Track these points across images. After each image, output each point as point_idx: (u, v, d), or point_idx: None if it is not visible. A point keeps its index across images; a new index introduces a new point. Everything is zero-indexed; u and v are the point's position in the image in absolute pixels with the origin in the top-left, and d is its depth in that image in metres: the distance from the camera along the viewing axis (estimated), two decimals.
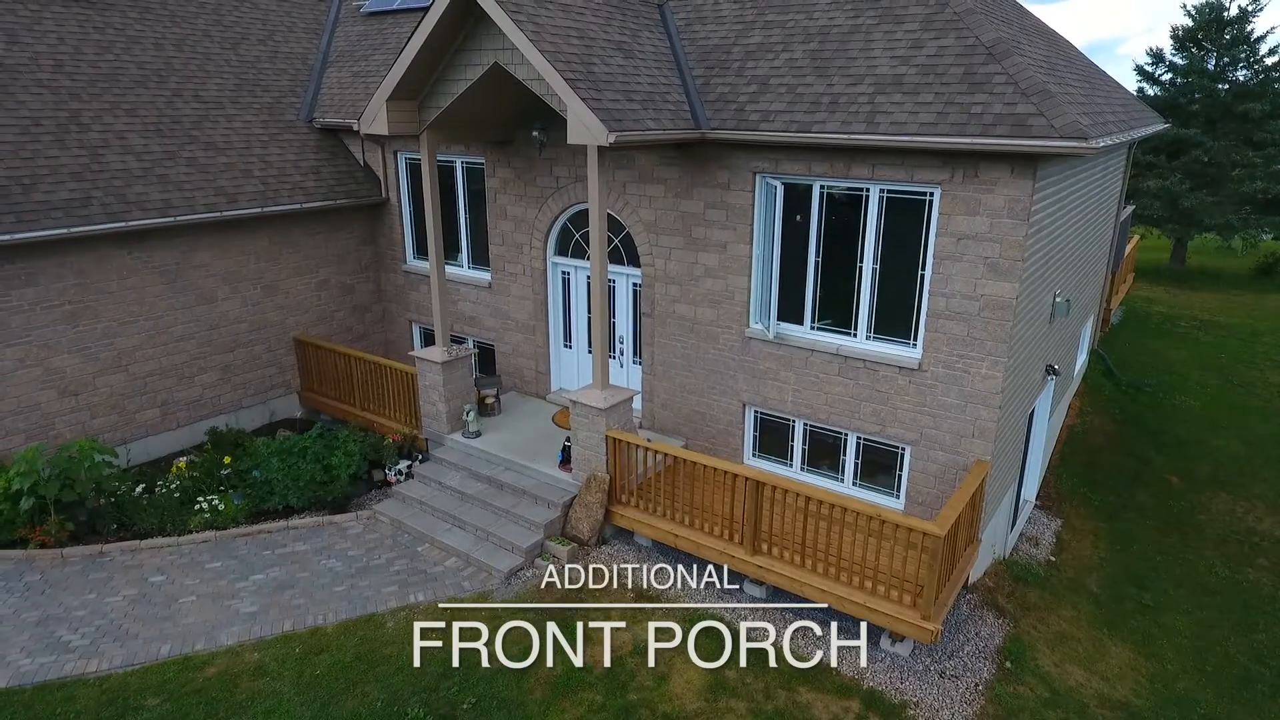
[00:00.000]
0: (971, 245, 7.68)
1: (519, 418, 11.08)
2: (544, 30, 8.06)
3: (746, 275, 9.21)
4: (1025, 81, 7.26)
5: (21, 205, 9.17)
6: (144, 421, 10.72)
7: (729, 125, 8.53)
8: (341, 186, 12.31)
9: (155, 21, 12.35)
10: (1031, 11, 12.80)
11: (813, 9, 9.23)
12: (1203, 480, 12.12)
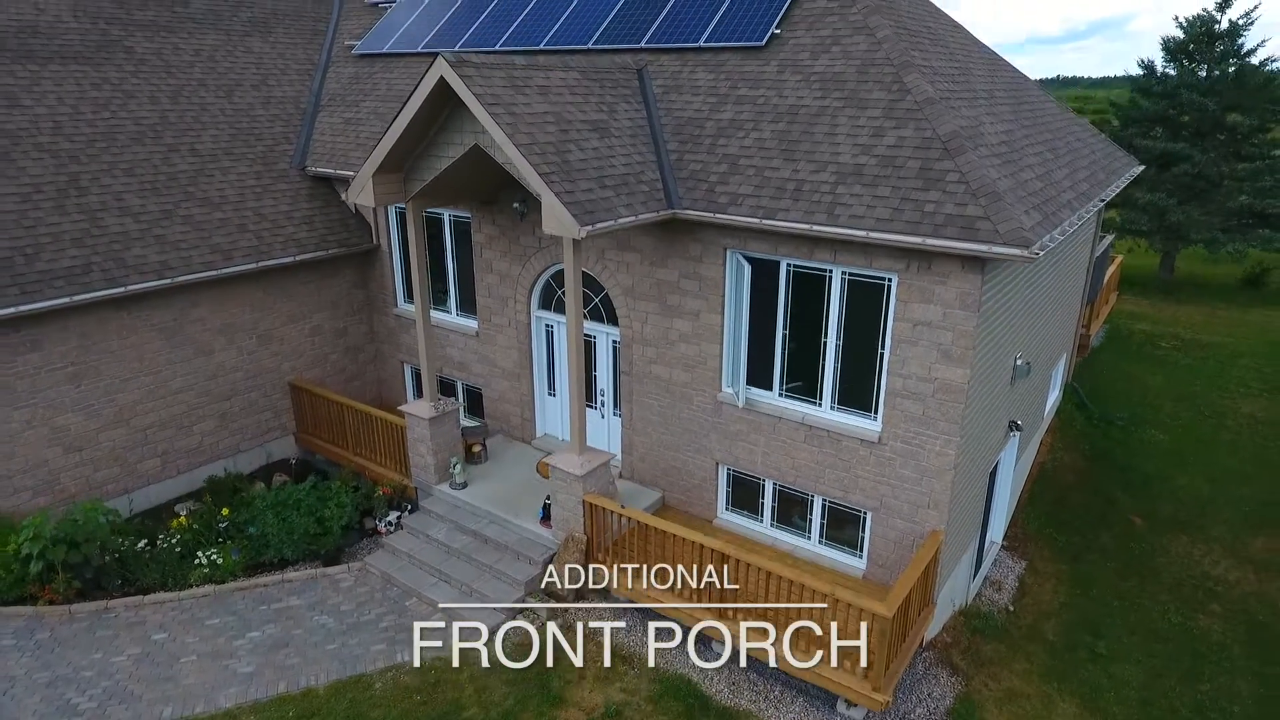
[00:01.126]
0: (926, 331, 8.08)
1: (504, 465, 11.55)
2: (520, 120, 8.41)
3: (718, 343, 9.62)
4: (976, 181, 7.62)
5: (25, 276, 9.59)
6: (145, 472, 11.21)
7: (700, 206, 8.90)
8: (333, 235, 12.70)
9: (151, 74, 12.68)
10: (1005, 60, 13.06)
11: (783, 86, 9.55)
12: (1164, 521, 12.58)
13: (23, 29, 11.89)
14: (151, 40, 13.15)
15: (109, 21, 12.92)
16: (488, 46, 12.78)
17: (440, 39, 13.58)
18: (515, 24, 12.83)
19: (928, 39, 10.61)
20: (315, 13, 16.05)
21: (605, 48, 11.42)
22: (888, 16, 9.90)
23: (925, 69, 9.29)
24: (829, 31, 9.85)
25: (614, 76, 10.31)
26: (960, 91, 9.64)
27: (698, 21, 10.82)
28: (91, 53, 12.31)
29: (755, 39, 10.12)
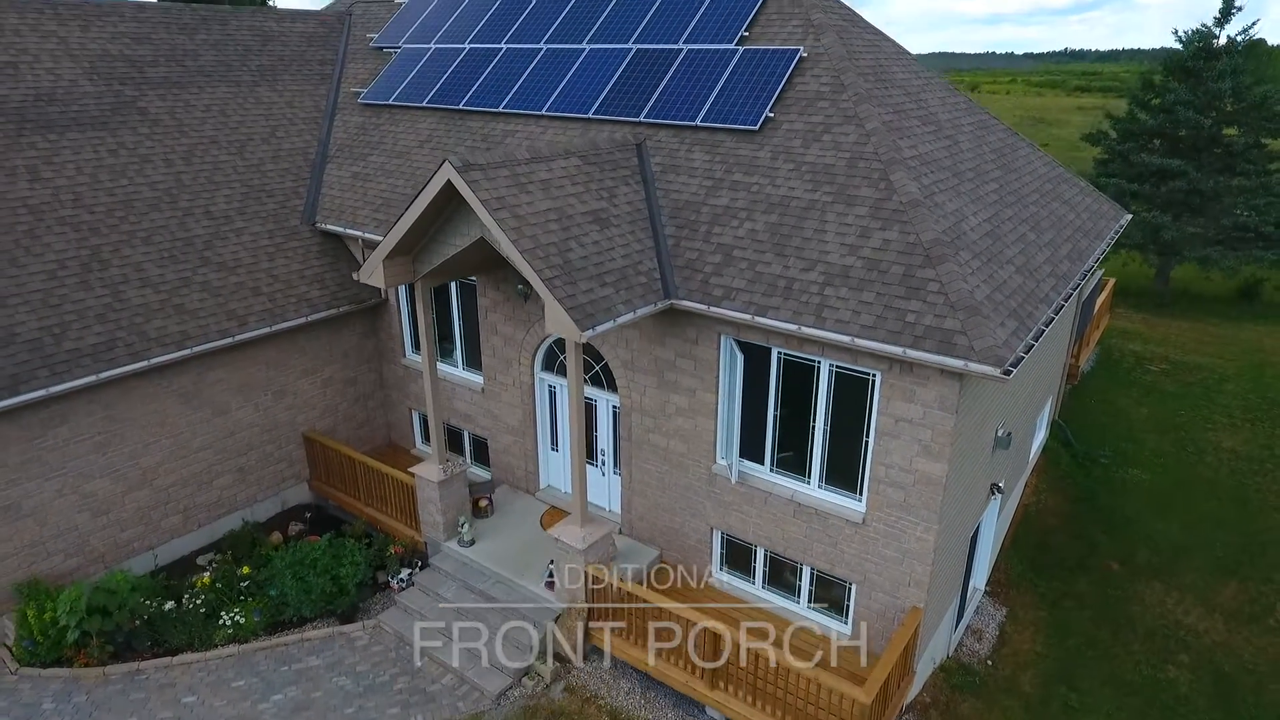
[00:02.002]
0: (907, 427, 8.57)
1: (510, 519, 12.12)
2: (524, 223, 8.84)
3: (713, 419, 10.12)
4: (955, 293, 8.06)
5: (54, 356, 10.09)
6: (168, 528, 11.79)
7: (695, 298, 9.35)
8: (344, 292, 13.15)
9: (164, 135, 13.07)
10: (995, 120, 13.38)
11: (775, 174, 9.96)
12: (1140, 567, 13.14)
13: (40, 97, 12.27)
14: (164, 99, 13.51)
15: (122, 82, 13.27)
16: (492, 107, 13.13)
17: (445, 95, 13.92)
18: (518, 85, 13.17)
19: (918, 118, 10.97)
20: (321, 57, 16.34)
21: (605, 118, 11.79)
22: (877, 105, 10.26)
23: (913, 161, 9.68)
24: (820, 118, 10.22)
25: (614, 158, 10.70)
26: (946, 178, 10.02)
27: (693, 100, 11.17)
28: (107, 116, 12.69)
29: (750, 123, 10.49)
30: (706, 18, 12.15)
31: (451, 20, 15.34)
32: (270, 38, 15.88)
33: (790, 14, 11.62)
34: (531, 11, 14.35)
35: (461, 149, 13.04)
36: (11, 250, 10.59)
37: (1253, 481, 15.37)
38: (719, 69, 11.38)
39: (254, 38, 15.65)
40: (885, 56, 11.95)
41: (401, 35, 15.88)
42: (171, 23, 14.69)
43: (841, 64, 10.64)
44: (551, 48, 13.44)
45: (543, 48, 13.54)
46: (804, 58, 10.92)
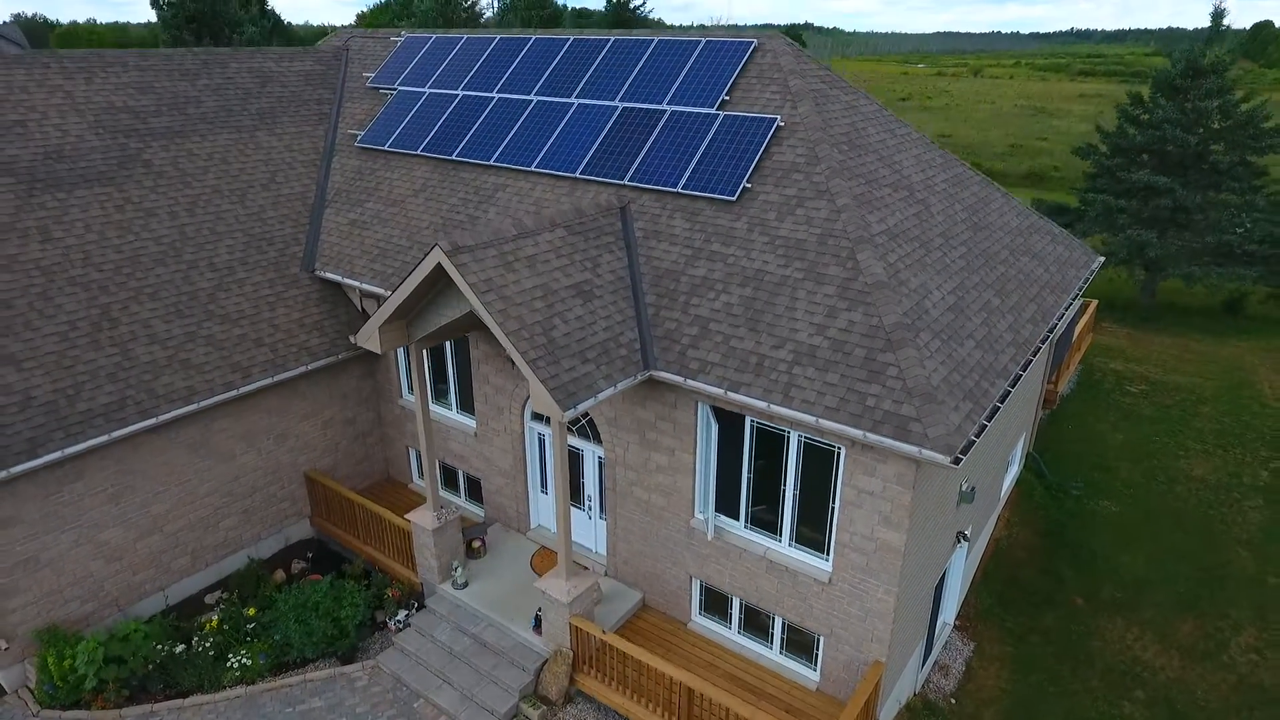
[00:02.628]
0: (869, 499, 9.15)
1: (502, 559, 12.75)
2: (510, 304, 9.37)
3: (691, 477, 10.70)
4: (913, 379, 8.60)
5: (68, 418, 10.67)
6: (178, 569, 12.44)
7: (673, 369, 9.89)
8: (343, 339, 13.70)
9: (169, 187, 13.56)
10: (973, 173, 13.82)
11: (750, 247, 10.46)
12: (1104, 602, 13.76)
13: (49, 154, 12.76)
14: (167, 149, 13.99)
15: (127, 134, 13.74)
16: (483, 159, 13.60)
17: (439, 143, 14.38)
18: (509, 137, 13.63)
19: (889, 185, 11.44)
20: (319, 96, 16.77)
21: (592, 179, 12.27)
22: (849, 178, 10.74)
23: (881, 237, 10.18)
24: (794, 190, 10.70)
25: (599, 224, 11.20)
26: (914, 250, 10.52)
27: (676, 165, 11.64)
28: (114, 171, 13.18)
29: (728, 193, 10.97)
30: (690, 78, 12.58)
31: (445, 64, 15.76)
32: (269, 79, 16.31)
33: (770, 79, 12.05)
34: (523, 60, 14.77)
35: (454, 199, 13.53)
36: (26, 313, 11.14)
37: (1218, 513, 15.96)
38: (701, 133, 11.84)
39: (254, 79, 16.08)
40: (861, 118, 12.39)
41: (397, 77, 16.29)
42: (174, 69, 15.13)
43: (816, 134, 11.11)
44: (542, 99, 13.88)
45: (533, 99, 13.98)
46: (780, 127, 11.38)
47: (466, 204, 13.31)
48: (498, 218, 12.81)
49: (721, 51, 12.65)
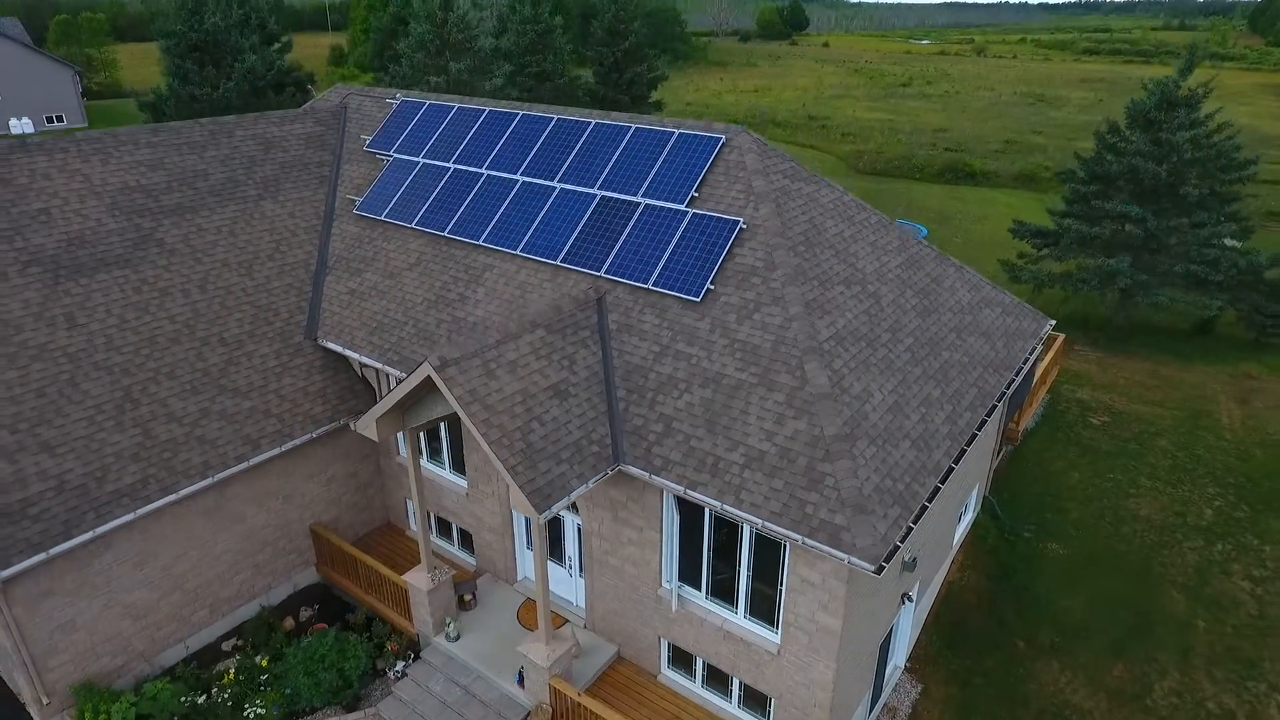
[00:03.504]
0: (810, 588, 10.34)
1: (491, 611, 14.02)
2: (492, 412, 10.49)
3: (658, 553, 11.89)
4: (847, 490, 9.74)
5: (98, 499, 11.87)
6: (197, 621, 13.72)
7: (640, 465, 11.02)
8: (344, 404, 14.83)
9: (181, 265, 14.61)
10: (931, 250, 14.77)
11: (712, 348, 11.54)
12: (1042, 646, 15.01)
13: (71, 241, 13.81)
14: (179, 226, 15.02)
15: (141, 214, 14.76)
16: (472, 239, 14.62)
17: (432, 217, 15.39)
18: (496, 218, 14.63)
19: (842, 281, 12.47)
20: (319, 159, 17.73)
21: (571, 268, 13.30)
22: (803, 283, 11.78)
23: (829, 343, 11.24)
24: (753, 294, 11.75)
25: (576, 319, 12.26)
26: (860, 350, 11.57)
27: (647, 261, 12.67)
28: (130, 253, 14.24)
29: (693, 294, 12.02)
30: (664, 171, 13.55)
31: (438, 134, 16.69)
32: (272, 144, 17.27)
33: (735, 178, 13.03)
34: (511, 136, 15.71)
35: (446, 276, 14.57)
36: (57, 400, 12.29)
37: (1158, 555, 17.15)
38: (672, 229, 12.86)
39: (257, 146, 17.04)
40: (820, 211, 13.37)
41: (393, 143, 17.24)
42: (182, 143, 16.09)
43: (775, 239, 12.13)
44: (527, 181, 14.85)
45: (519, 180, 14.95)
46: (743, 229, 12.39)
47: (458, 282, 14.36)
48: (486, 298, 13.87)
49: (693, 146, 13.60)
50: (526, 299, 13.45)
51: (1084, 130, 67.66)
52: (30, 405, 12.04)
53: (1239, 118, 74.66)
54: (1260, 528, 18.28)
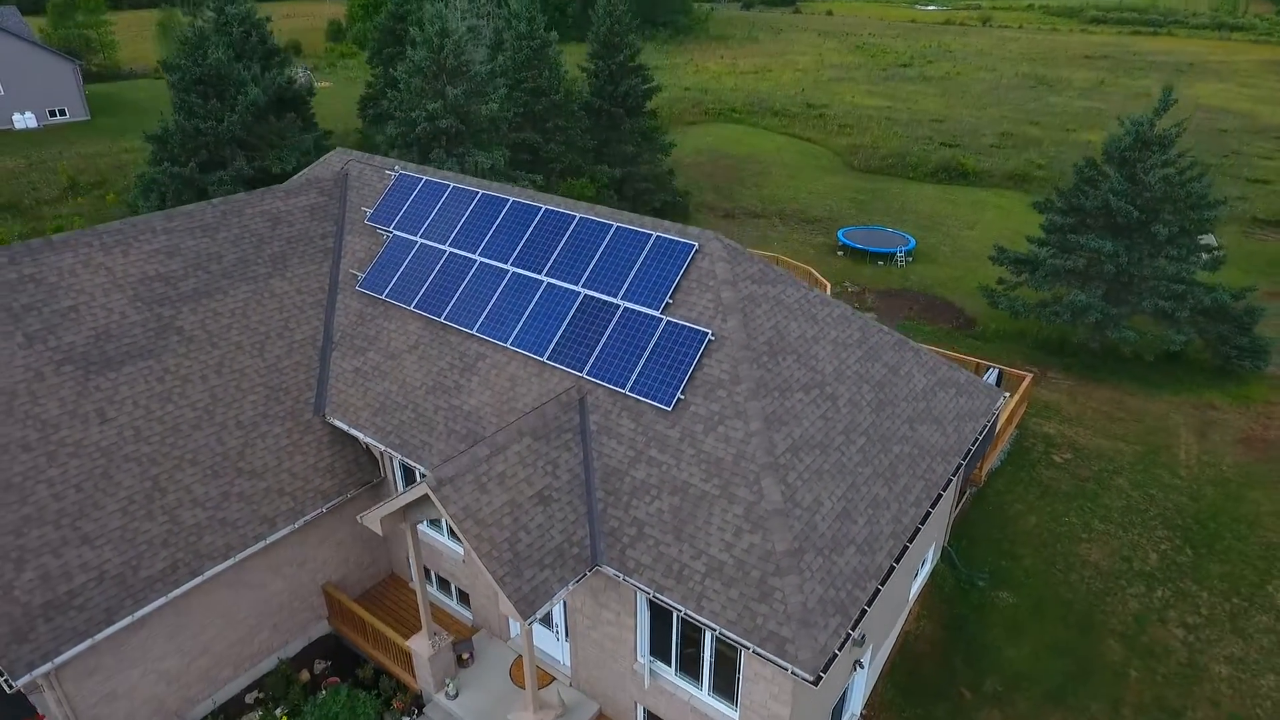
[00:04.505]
0: (762, 680, 11.79)
1: (487, 669, 15.56)
2: (484, 526, 11.84)
3: (633, 634, 13.35)
4: (793, 605, 11.12)
5: (134, 586, 13.31)
6: (222, 678, 15.29)
7: (615, 565, 12.40)
8: (351, 477, 16.21)
9: (199, 351, 15.86)
10: (889, 337, 15.95)
11: (681, 457, 12.84)
12: (986, 695, 16.55)
13: (99, 335, 15.05)
14: (195, 312, 16.23)
15: (160, 303, 15.97)
16: (466, 328, 15.84)
17: (429, 301, 16.58)
18: (488, 308, 15.82)
19: (802, 386, 13.70)
20: (323, 230, 18.85)
21: (556, 366, 14.54)
22: (764, 396, 13.02)
23: (785, 456, 12.52)
24: (719, 406, 13.01)
25: (560, 422, 13.54)
26: (814, 458, 12.85)
27: (624, 367, 13.91)
28: (152, 343, 15.48)
29: (665, 403, 13.28)
30: (641, 274, 14.70)
31: (434, 214, 17.79)
32: (279, 219, 18.38)
33: (706, 287, 14.19)
34: (502, 223, 16.82)
35: (443, 362, 15.82)
36: (93, 494, 13.67)
37: (1102, 603, 18.62)
38: (648, 335, 14.06)
39: (265, 222, 18.16)
40: (785, 314, 14.53)
41: (391, 219, 18.34)
42: (195, 226, 17.22)
43: (740, 352, 13.34)
44: (516, 272, 16.01)
45: (509, 270, 16.11)
46: (712, 340, 13.59)
47: (453, 369, 15.62)
48: (480, 387, 15.14)
49: (668, 251, 14.73)
50: (516, 392, 14.72)
51: (1080, 120, 67.85)
52: (71, 500, 13.43)
53: (1240, 103, 74.92)
54: (1200, 573, 19.72)
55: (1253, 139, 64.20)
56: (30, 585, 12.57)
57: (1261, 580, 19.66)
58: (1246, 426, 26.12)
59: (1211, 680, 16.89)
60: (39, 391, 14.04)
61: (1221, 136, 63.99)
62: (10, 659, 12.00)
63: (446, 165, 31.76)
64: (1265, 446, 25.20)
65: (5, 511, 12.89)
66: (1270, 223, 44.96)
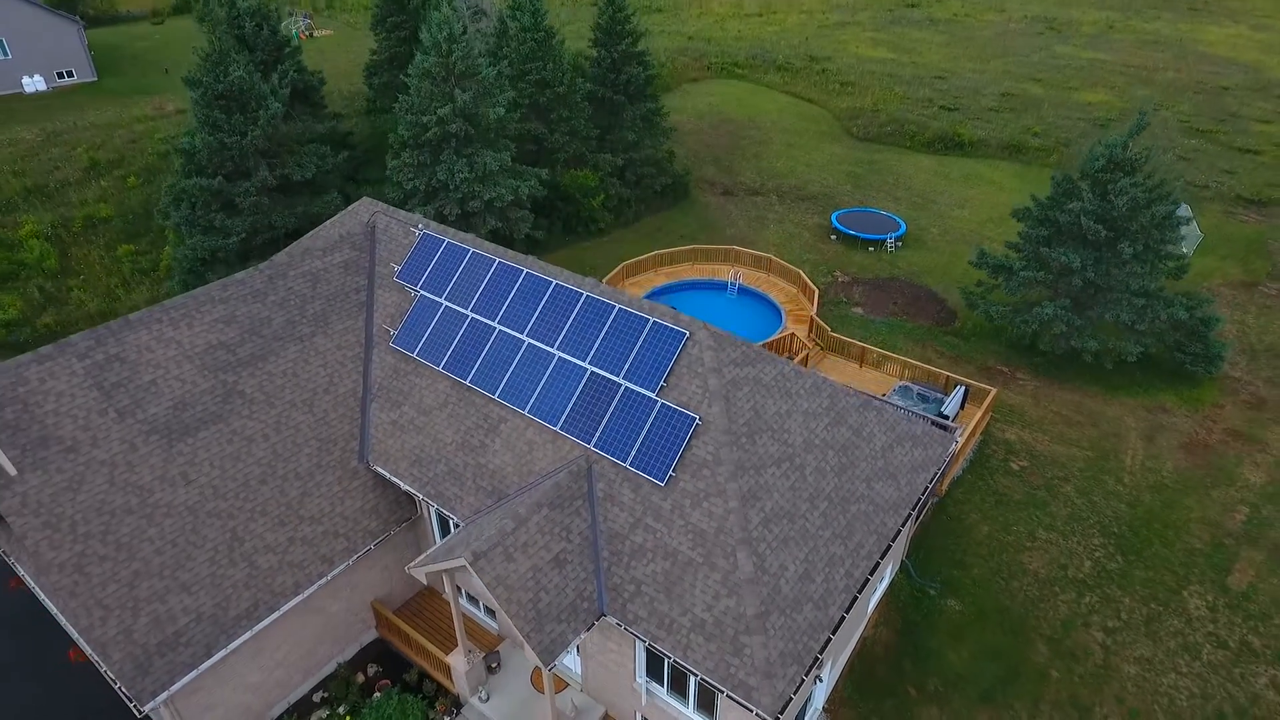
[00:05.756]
0: (735, 708, 14.82)
1: (511, 676, 18.75)
2: (512, 591, 14.66)
3: (633, 662, 16.39)
4: (759, 660, 14.03)
5: (225, 624, 16.29)
6: (294, 683, 18.52)
7: (617, 615, 15.28)
8: (392, 515, 19.03)
9: (259, 411, 18.44)
10: (854, 397, 18.41)
11: (672, 526, 15.56)
12: (929, 694, 19.76)
13: (176, 405, 17.61)
14: (254, 375, 18.72)
15: (223, 369, 18.44)
16: (489, 391, 18.35)
17: (456, 364, 19.03)
18: (508, 376, 18.28)
19: (774, 460, 16.28)
20: (356, 284, 21.10)
21: (568, 436, 17.11)
22: (741, 476, 15.62)
23: (758, 529, 15.21)
24: (704, 484, 15.65)
25: (572, 490, 16.21)
26: (783, 527, 15.55)
27: (624, 443, 16.47)
28: (220, 407, 18.04)
29: (659, 478, 15.91)
30: (639, 358, 17.09)
31: (456, 278, 20.01)
32: (318, 278, 20.63)
33: (695, 373, 16.60)
34: (518, 293, 19.08)
35: (469, 422, 18.39)
36: (186, 547, 16.51)
37: (1035, 609, 21.67)
38: (645, 415, 16.56)
39: (306, 283, 20.42)
40: (763, 393, 16.97)
41: (418, 278, 20.57)
42: (247, 294, 19.51)
43: (722, 437, 15.88)
44: (531, 344, 18.39)
45: (525, 341, 18.48)
46: (699, 424, 16.11)
47: (478, 429, 18.21)
48: (502, 448, 17.76)
49: (663, 337, 17.07)
50: (533, 455, 17.35)
51: (1084, 76, 67.82)
52: (169, 555, 16.29)
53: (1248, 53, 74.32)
54: (1126, 579, 22.73)
55: (1253, 98, 64.49)
56: (145, 628, 15.55)
57: (1179, 585, 22.68)
58: (1192, 430, 28.74)
59: (1120, 680, 20.08)
60: (134, 461, 16.72)
61: (1222, 97, 64.32)
62: (137, 689, 15.07)
63: (456, 165, 33.48)
64: (1205, 451, 27.89)
65: (119, 568, 15.76)
66: (1253, 202, 46.32)
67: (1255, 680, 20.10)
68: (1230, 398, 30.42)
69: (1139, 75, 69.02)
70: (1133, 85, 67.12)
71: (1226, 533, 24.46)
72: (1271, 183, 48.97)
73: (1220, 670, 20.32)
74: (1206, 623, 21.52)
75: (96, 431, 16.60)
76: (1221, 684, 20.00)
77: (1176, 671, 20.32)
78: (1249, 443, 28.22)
